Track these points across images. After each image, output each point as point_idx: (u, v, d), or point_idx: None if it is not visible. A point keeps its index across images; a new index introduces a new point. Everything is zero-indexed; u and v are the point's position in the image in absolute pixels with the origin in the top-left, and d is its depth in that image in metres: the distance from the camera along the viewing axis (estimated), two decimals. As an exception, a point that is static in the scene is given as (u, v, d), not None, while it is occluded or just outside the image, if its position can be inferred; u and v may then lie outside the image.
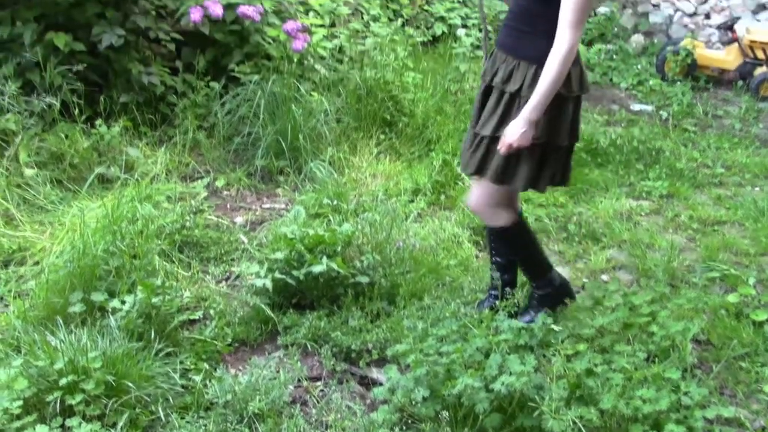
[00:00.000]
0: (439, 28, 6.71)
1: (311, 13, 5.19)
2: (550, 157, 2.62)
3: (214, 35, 4.52)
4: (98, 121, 4.01)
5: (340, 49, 5.23)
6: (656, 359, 2.54)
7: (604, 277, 3.41)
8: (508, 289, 2.79)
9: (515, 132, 2.48)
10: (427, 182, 4.08)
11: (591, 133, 4.91)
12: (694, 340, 2.77)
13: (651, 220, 4.01)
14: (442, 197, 4.04)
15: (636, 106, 6.01)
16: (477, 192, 2.78)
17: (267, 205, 3.96)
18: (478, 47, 6.01)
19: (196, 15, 4.21)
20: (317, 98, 4.51)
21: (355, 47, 5.23)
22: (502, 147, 2.52)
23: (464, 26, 6.70)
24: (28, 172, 3.65)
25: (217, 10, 4.24)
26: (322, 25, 5.03)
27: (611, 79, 6.65)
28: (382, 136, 4.56)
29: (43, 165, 3.76)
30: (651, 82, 6.46)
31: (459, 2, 7.04)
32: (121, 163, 3.94)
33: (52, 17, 4.12)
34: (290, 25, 4.38)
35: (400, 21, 6.03)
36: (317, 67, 4.84)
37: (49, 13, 4.09)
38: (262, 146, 4.20)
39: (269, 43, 4.71)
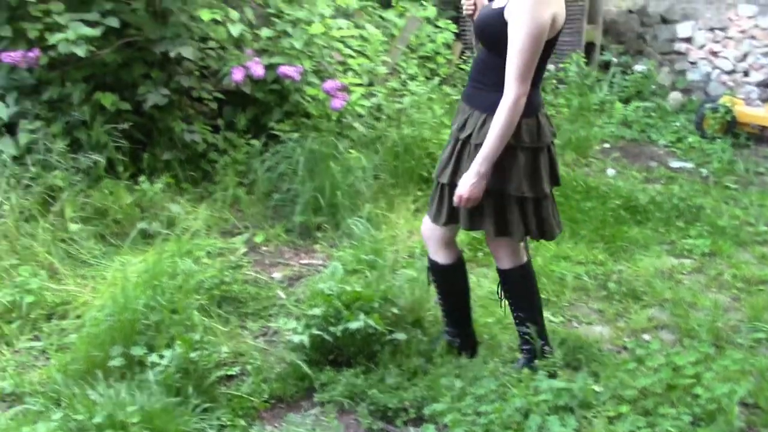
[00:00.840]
0: (475, 87, 6.76)
1: (350, 73, 5.29)
2: (511, 206, 2.61)
3: (255, 94, 4.63)
4: (141, 178, 4.09)
5: (378, 108, 5.30)
6: (702, 423, 2.47)
7: (646, 336, 3.34)
8: (547, 348, 2.76)
9: (466, 183, 2.51)
10: (465, 239, 4.07)
11: (630, 190, 4.88)
12: (741, 403, 2.68)
13: (693, 278, 3.94)
14: (479, 254, 4.02)
15: (675, 163, 5.97)
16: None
17: (305, 261, 3.98)
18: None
19: (238, 75, 4.32)
20: (355, 155, 4.56)
21: (393, 105, 5.31)
22: (455, 197, 2.56)
23: (501, 84, 6.74)
24: (73, 227, 3.72)
25: (258, 71, 4.34)
26: (360, 84, 5.12)
27: (649, 136, 6.63)
28: (419, 193, 4.59)
29: (88, 220, 3.84)
30: (690, 139, 6.43)
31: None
32: (163, 218, 4.00)
33: (100, 78, 4.26)
34: (329, 84, 4.47)
35: (437, 79, 6.11)
36: (355, 124, 4.92)
37: (98, 74, 4.23)
38: (300, 203, 4.25)
39: (308, 102, 4.80)
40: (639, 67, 7.66)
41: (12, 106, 4.00)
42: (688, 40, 8.14)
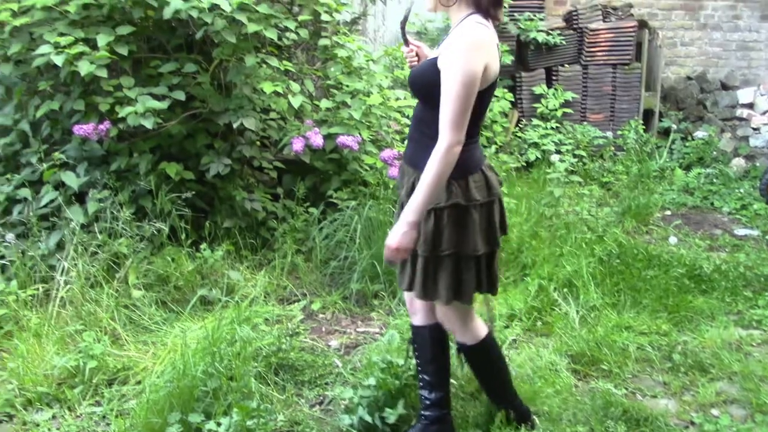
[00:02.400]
0: (532, 154, 6.79)
1: (407, 142, 5.35)
2: (468, 265, 2.54)
3: (314, 163, 4.73)
4: (203, 245, 4.18)
5: (435, 176, 5.33)
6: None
7: (715, 411, 3.21)
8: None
9: (396, 234, 2.41)
10: (523, 307, 4.02)
11: (693, 258, 4.77)
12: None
13: (763, 350, 3.79)
14: (539, 323, 3.95)
15: (740, 231, 5.81)
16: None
17: (361, 329, 3.97)
18: (572, 172, 6.02)
19: (298, 145, 4.41)
20: (412, 223, 4.57)
21: (450, 173, 5.33)
22: (386, 252, 2.46)
23: (558, 152, 6.75)
24: (136, 293, 3.81)
25: (318, 141, 4.43)
26: (417, 153, 5.16)
27: (712, 203, 6.49)
28: (476, 261, 4.55)
29: (150, 287, 3.93)
30: (755, 206, 6.26)
31: (552, 129, 7.13)
32: (223, 285, 4.07)
33: (165, 148, 4.41)
34: (387, 153, 4.53)
35: (494, 147, 6.14)
36: (412, 192, 4.94)
37: (164, 145, 4.38)
38: (357, 270, 4.27)
39: (366, 171, 4.87)
40: (700, 134, 7.57)
41: (82, 176, 4.16)
42: (750, 105, 8.04)
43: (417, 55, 2.77)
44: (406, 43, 2.74)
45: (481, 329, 2.75)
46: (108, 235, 3.93)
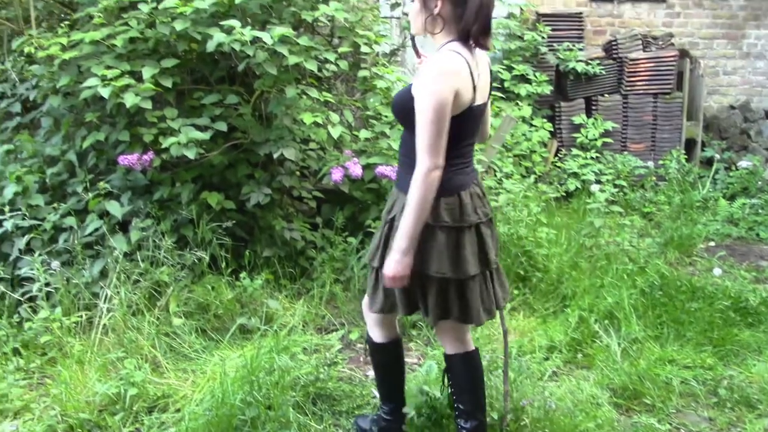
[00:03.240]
0: (572, 184, 6.74)
1: (445, 171, 5.35)
2: (432, 287, 2.56)
3: (353, 193, 4.76)
4: (242, 274, 4.21)
5: (474, 205, 5.31)
6: None
7: (763, 448, 3.12)
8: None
9: (389, 263, 2.46)
10: (563, 339, 3.96)
11: (738, 290, 4.66)
12: None
13: (813, 386, 3.68)
14: (579, 355, 3.90)
15: (787, 263, 5.68)
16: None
17: (399, 359, 3.95)
18: (613, 202, 5.96)
19: (337, 175, 4.44)
20: (451, 253, 4.56)
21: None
22: (384, 280, 2.50)
23: (598, 182, 6.70)
24: (177, 321, 3.85)
25: (357, 171, 4.46)
26: (456, 183, 5.16)
27: (758, 234, 6.35)
28: (515, 291, 4.52)
29: (190, 315, 3.97)
30: (802, 238, 6.13)
31: (592, 159, 7.08)
32: (262, 314, 4.09)
33: (207, 178, 4.48)
34: (425, 183, 4.53)
35: (532, 177, 6.12)
36: (451, 222, 4.94)
37: (205, 175, 4.45)
38: (395, 300, 4.25)
39: (405, 200, 4.87)
40: (744, 163, 7.44)
41: (126, 205, 4.24)
42: (796, 135, 7.90)
43: None
44: (418, 55, 2.81)
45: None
46: (150, 263, 3.99)
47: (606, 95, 7.44)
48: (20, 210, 4.18)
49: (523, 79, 7.32)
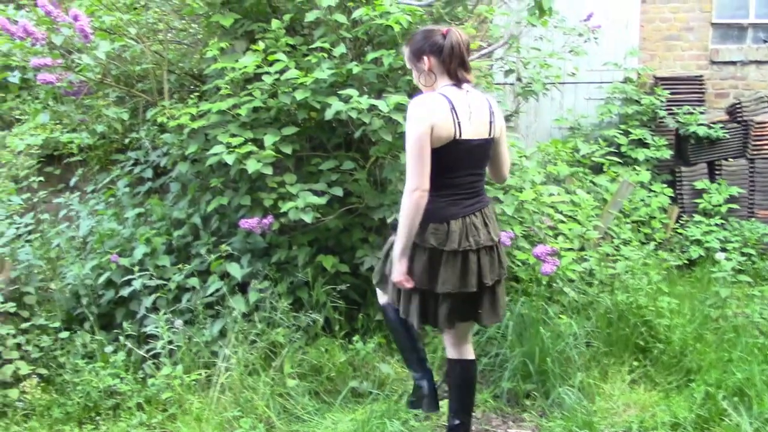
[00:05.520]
0: (695, 252, 6.46)
1: (560, 237, 5.27)
2: (414, 296, 3.00)
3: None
4: (355, 337, 4.24)
5: (590, 273, 5.18)
6: None
7: None
8: None
9: (393, 270, 2.97)
10: (688, 416, 3.74)
11: None
12: None
13: None
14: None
15: None
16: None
17: (513, 430, 3.84)
18: (740, 271, 5.67)
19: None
20: (566, 321, 4.45)
21: (606, 270, 5.17)
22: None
23: (723, 249, 6.39)
24: (291, 382, 3.90)
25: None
26: (571, 249, 5.07)
27: None
28: (635, 363, 4.33)
29: (304, 376, 4.02)
30: None
31: (716, 225, 6.78)
32: (374, 378, 4.09)
33: (322, 241, 4.58)
34: (540, 249, 4.47)
35: (652, 244, 5.91)
36: (566, 290, 4.83)
37: (320, 238, 4.56)
38: (509, 368, 4.16)
39: (518, 266, 4.81)
40: None
41: (245, 267, 4.38)
42: None
43: None
44: None
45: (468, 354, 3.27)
46: (266, 324, 4.08)
47: (730, 159, 7.15)
48: (148, 270, 4.39)
49: (641, 143, 7.16)
